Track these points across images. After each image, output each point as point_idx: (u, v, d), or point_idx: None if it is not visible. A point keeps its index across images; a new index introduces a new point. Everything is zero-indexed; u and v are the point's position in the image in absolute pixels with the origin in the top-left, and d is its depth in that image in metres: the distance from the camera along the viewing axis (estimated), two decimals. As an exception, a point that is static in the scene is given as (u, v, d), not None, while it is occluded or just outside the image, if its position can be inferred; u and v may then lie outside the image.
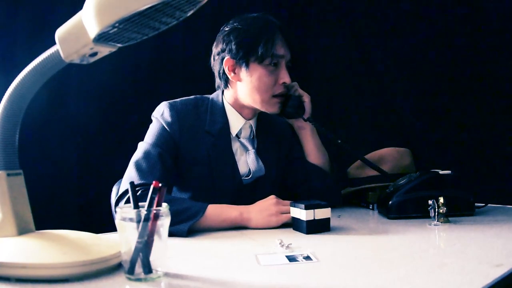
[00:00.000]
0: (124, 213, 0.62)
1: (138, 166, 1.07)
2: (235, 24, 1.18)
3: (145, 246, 0.61)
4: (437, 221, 1.02)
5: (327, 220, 0.97)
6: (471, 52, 1.68)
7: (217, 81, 1.26)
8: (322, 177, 1.29)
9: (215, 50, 1.23)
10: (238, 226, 1.03)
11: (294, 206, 0.99)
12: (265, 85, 1.17)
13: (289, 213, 1.01)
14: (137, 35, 0.65)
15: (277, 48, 1.16)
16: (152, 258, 0.62)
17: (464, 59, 1.70)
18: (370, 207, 1.34)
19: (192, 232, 0.97)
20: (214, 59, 1.24)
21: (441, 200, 1.02)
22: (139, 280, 0.61)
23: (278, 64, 1.18)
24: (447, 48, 1.75)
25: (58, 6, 1.44)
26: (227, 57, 1.19)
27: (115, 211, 0.90)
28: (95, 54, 0.65)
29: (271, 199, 1.06)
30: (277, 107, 1.22)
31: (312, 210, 0.95)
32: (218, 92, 1.27)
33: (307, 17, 2.22)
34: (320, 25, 2.19)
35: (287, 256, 0.74)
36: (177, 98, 1.22)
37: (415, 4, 1.83)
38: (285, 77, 1.19)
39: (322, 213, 0.96)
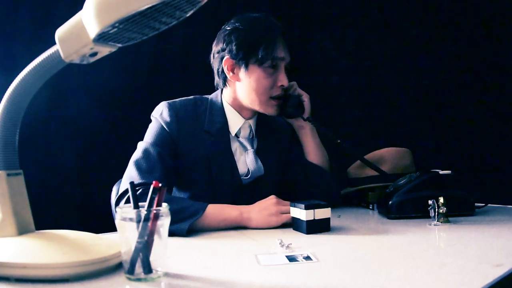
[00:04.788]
0: (124, 213, 0.62)
1: (138, 166, 1.07)
2: (236, 24, 1.18)
3: (145, 246, 0.61)
4: (437, 221, 1.02)
5: (327, 220, 0.97)
6: (471, 52, 1.68)
7: (216, 79, 1.26)
8: (322, 177, 1.29)
9: (215, 48, 1.23)
10: (238, 226, 1.03)
11: (294, 206, 0.99)
12: (263, 86, 1.17)
13: (289, 213, 1.01)
14: (137, 35, 0.65)
15: (277, 51, 1.16)
16: (152, 258, 0.62)
17: (465, 59, 1.70)
18: (370, 207, 1.34)
19: (192, 231, 0.97)
20: (213, 56, 1.24)
21: (441, 200, 1.02)
22: (139, 280, 0.61)
23: (277, 66, 1.18)
24: (448, 49, 1.75)
25: (58, 6, 1.44)
26: (226, 56, 1.19)
27: (115, 211, 0.90)
28: (95, 54, 0.65)
29: (271, 199, 1.06)
30: (275, 109, 1.22)
31: (312, 210, 0.95)
32: (217, 92, 1.27)
33: (307, 17, 2.22)
34: (320, 25, 2.19)
35: (287, 256, 0.74)
36: (176, 98, 1.22)
37: (415, 4, 1.83)
38: (283, 80, 1.19)
39: (322, 213, 0.96)
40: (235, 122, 1.23)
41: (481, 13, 1.65)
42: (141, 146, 1.13)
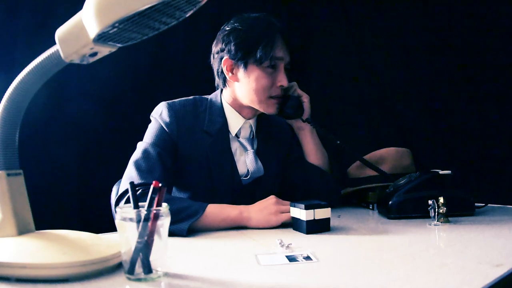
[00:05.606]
0: (124, 213, 0.62)
1: (137, 166, 1.07)
2: (235, 24, 1.18)
3: (145, 246, 0.61)
4: (437, 221, 1.02)
5: (327, 220, 0.97)
6: (471, 52, 1.68)
7: (216, 79, 1.26)
8: (321, 177, 1.29)
9: (214, 48, 1.23)
10: (238, 226, 1.03)
11: (294, 206, 0.99)
12: (262, 86, 1.17)
13: (289, 212, 1.01)
14: (137, 35, 0.65)
15: (276, 51, 1.16)
16: (152, 258, 0.62)
17: (464, 59, 1.70)
18: (370, 207, 1.34)
19: (192, 231, 0.97)
20: (213, 57, 1.24)
21: (441, 200, 1.02)
22: (139, 280, 0.61)
23: (276, 66, 1.18)
24: (447, 49, 1.75)
25: (58, 6, 1.44)
26: (225, 57, 1.19)
27: (115, 211, 0.90)
28: (95, 54, 0.65)
29: (271, 198, 1.07)
30: (275, 108, 1.22)
31: (312, 210, 0.95)
32: (217, 92, 1.27)
33: (307, 17, 2.22)
34: (320, 25, 2.19)
35: (287, 256, 0.74)
36: (176, 99, 1.22)
37: (415, 4, 1.83)
38: (282, 80, 1.19)
39: (322, 213, 0.96)
40: (236, 122, 1.23)
41: (482, 15, 1.65)
42: (140, 146, 1.13)
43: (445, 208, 1.02)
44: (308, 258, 0.73)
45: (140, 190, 1.00)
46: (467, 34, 1.69)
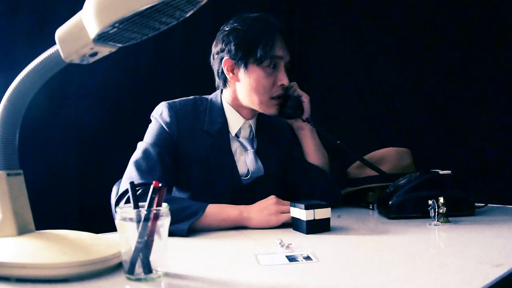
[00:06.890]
0: (124, 213, 0.62)
1: (138, 166, 1.08)
2: (235, 24, 1.18)
3: (145, 246, 0.61)
4: (437, 221, 1.02)
5: (327, 220, 0.97)
6: (471, 53, 1.68)
7: (217, 80, 1.26)
8: (322, 177, 1.29)
9: (214, 49, 1.24)
10: (238, 226, 1.03)
11: (294, 206, 0.99)
12: (263, 86, 1.17)
13: (289, 212, 1.01)
14: (137, 35, 0.65)
15: (276, 50, 1.16)
16: (152, 258, 0.62)
17: (465, 60, 1.70)
18: (370, 207, 1.34)
19: (192, 231, 0.97)
20: (213, 58, 1.25)
21: (441, 200, 1.02)
22: (139, 280, 0.61)
23: (276, 65, 1.18)
24: (448, 49, 1.75)
25: (58, 6, 1.44)
26: (226, 57, 1.19)
27: (115, 211, 0.90)
28: (95, 54, 0.65)
29: (271, 198, 1.07)
30: (275, 109, 1.22)
31: (312, 210, 0.95)
32: (217, 92, 1.27)
33: (307, 18, 2.22)
34: (320, 26, 2.19)
35: (287, 256, 0.74)
36: (176, 99, 1.22)
37: (416, 5, 1.83)
38: (283, 79, 1.19)
39: (322, 213, 0.96)
40: (235, 122, 1.23)
41: (482, 14, 1.65)
42: (141, 146, 1.13)
43: (445, 208, 1.02)
44: (308, 258, 0.73)
45: (140, 190, 1.00)
46: (468, 35, 1.69)
